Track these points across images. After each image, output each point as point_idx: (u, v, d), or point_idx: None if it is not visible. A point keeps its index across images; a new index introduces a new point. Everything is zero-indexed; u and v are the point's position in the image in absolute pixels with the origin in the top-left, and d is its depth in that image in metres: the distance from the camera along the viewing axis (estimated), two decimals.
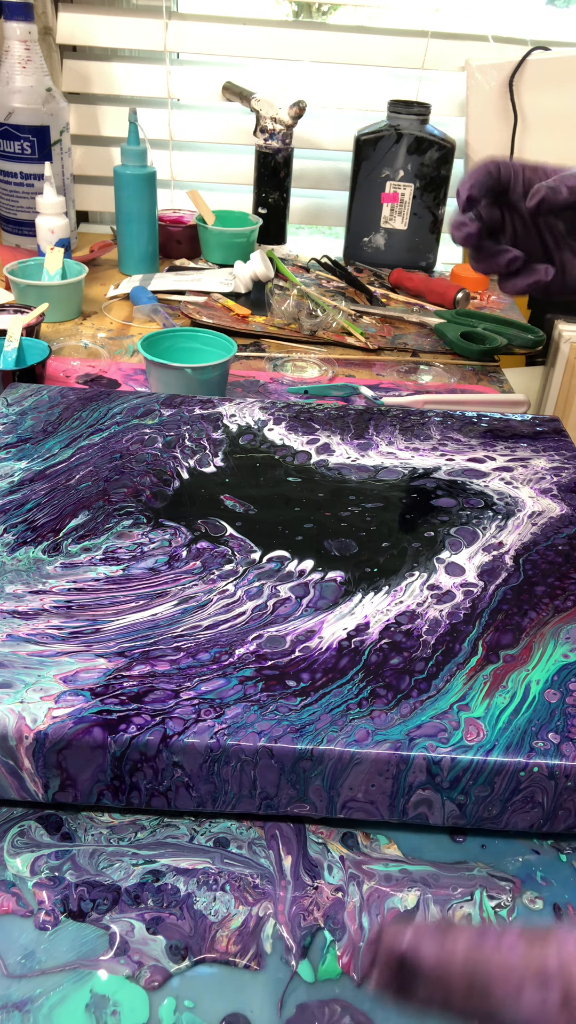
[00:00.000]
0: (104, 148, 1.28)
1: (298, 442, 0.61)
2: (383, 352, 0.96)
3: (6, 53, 1.05)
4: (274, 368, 0.90)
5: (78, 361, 0.88)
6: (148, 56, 1.27)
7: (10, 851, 0.38)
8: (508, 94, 1.19)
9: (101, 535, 0.50)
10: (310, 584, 0.47)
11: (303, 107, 1.14)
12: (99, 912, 0.36)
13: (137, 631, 0.43)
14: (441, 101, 1.23)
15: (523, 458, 0.61)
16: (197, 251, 1.20)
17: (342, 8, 1.43)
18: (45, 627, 0.42)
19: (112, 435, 0.60)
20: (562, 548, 0.51)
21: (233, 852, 0.38)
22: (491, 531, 0.53)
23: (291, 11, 1.46)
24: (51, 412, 0.63)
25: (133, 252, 1.10)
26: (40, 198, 1.03)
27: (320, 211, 1.34)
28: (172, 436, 0.61)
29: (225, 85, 1.21)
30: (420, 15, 1.24)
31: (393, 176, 1.16)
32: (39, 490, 0.54)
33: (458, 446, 0.62)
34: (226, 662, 0.41)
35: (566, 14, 1.35)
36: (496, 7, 1.24)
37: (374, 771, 0.37)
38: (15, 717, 0.37)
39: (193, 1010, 0.33)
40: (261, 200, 1.21)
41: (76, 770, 0.37)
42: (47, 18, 1.19)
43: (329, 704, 0.39)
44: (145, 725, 0.37)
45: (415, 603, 0.46)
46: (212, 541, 0.50)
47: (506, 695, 0.40)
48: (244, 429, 0.62)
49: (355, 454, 0.60)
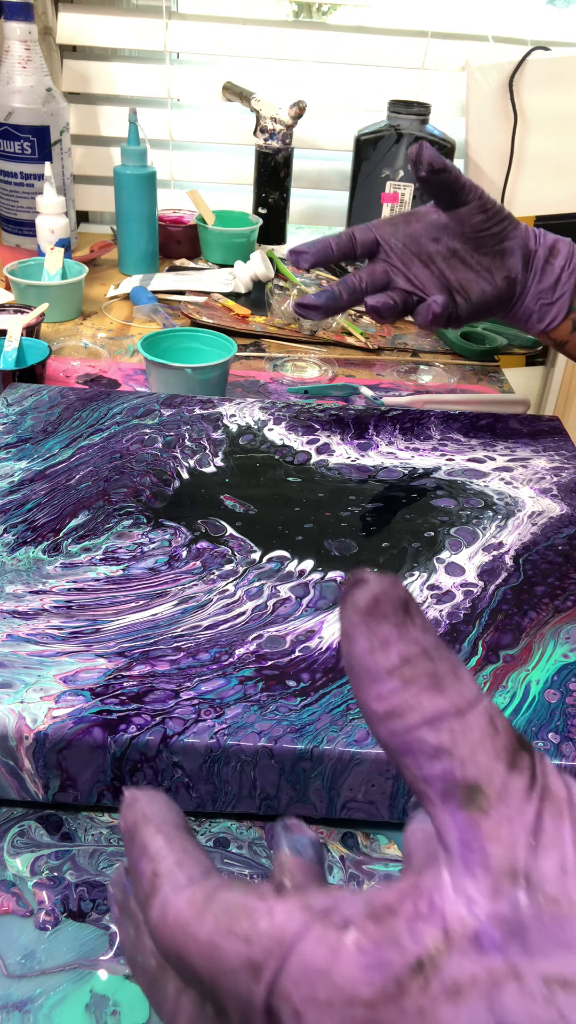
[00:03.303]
0: (104, 148, 1.28)
1: (298, 442, 0.61)
2: (383, 352, 0.96)
3: (6, 53, 1.05)
4: (274, 368, 0.90)
5: (78, 361, 0.88)
6: (148, 56, 1.27)
7: (10, 851, 0.38)
8: (508, 94, 1.19)
9: (101, 535, 0.50)
10: (310, 584, 0.47)
11: (303, 107, 1.14)
12: (99, 912, 0.36)
13: (137, 631, 0.43)
14: (441, 101, 1.23)
15: (523, 458, 0.61)
16: (197, 251, 1.20)
17: (342, 8, 1.42)
18: (45, 627, 0.42)
19: (112, 435, 0.60)
20: (562, 548, 0.51)
21: (233, 852, 0.38)
22: (491, 531, 0.53)
23: (291, 11, 1.46)
24: (51, 412, 0.63)
25: (133, 252, 1.10)
26: (40, 198, 1.03)
27: (320, 211, 1.34)
28: (172, 436, 0.61)
29: (225, 85, 1.21)
30: (420, 15, 1.24)
31: (393, 176, 1.16)
32: (39, 490, 0.54)
33: (458, 446, 0.62)
34: (226, 662, 0.41)
35: (566, 14, 1.35)
36: (496, 7, 1.24)
37: (374, 771, 0.37)
38: (15, 717, 0.37)
39: None
40: (261, 200, 1.21)
41: (76, 770, 0.37)
42: (47, 18, 1.19)
43: (329, 704, 0.39)
44: (145, 725, 0.37)
45: None
46: (212, 541, 0.50)
47: (506, 695, 0.40)
48: (244, 429, 0.62)
49: (355, 454, 0.60)
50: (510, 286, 0.60)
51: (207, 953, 0.18)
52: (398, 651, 0.17)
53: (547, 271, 0.60)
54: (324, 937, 0.17)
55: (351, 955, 0.16)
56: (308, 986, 0.17)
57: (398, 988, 0.16)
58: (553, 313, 0.60)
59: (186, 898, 0.19)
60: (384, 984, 0.16)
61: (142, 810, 0.21)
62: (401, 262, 0.59)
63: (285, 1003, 0.17)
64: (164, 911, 0.19)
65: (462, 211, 0.58)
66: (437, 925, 0.16)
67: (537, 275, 0.60)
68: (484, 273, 0.59)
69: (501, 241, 0.59)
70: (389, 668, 0.17)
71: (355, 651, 0.18)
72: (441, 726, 0.17)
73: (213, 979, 0.18)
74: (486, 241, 0.59)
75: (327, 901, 0.18)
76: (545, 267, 0.60)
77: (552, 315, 0.60)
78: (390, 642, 0.17)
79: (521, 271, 0.60)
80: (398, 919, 0.17)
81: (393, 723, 0.17)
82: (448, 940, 0.16)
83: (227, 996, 0.18)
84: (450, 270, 0.59)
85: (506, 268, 0.59)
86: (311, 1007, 0.16)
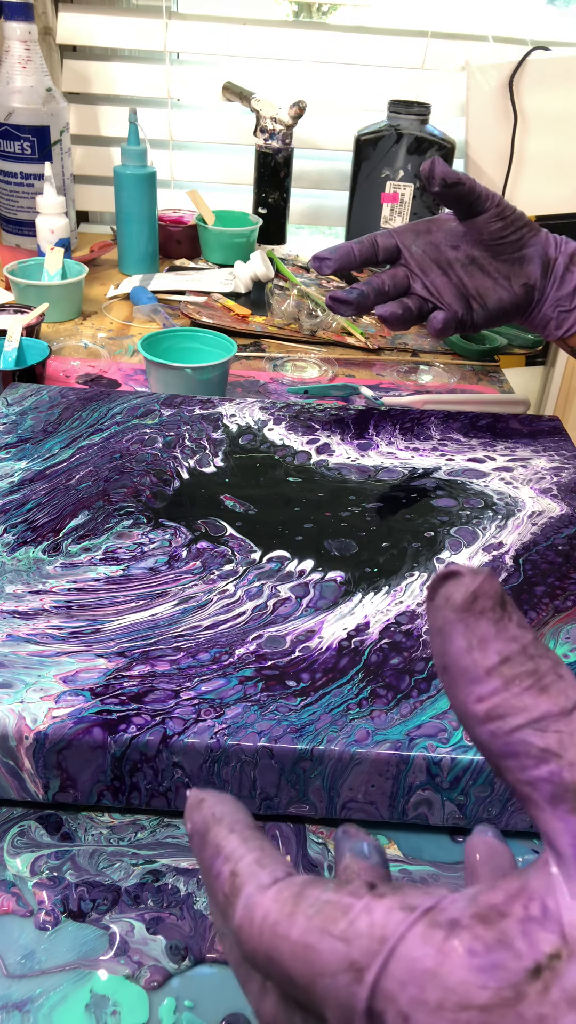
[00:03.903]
0: (104, 148, 1.28)
1: (298, 442, 0.61)
2: (383, 352, 0.96)
3: (6, 53, 1.05)
4: (274, 368, 0.90)
5: (78, 361, 0.88)
6: (148, 56, 1.27)
7: (10, 851, 0.38)
8: (508, 94, 1.19)
9: (101, 535, 0.50)
10: (310, 584, 0.47)
11: (303, 107, 1.14)
12: (99, 912, 0.36)
13: (137, 631, 0.43)
14: (441, 101, 1.23)
15: (523, 458, 0.61)
16: (197, 251, 1.20)
17: (342, 8, 1.42)
18: (45, 627, 0.42)
19: (112, 435, 0.60)
20: (562, 548, 0.51)
21: None
22: (491, 531, 0.53)
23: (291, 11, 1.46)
24: (51, 412, 0.63)
25: (133, 252, 1.10)
26: (40, 198, 1.03)
27: (320, 211, 1.34)
28: (172, 436, 0.61)
29: (225, 85, 1.21)
30: (420, 15, 1.24)
31: (393, 176, 1.16)
32: (39, 490, 0.54)
33: (458, 446, 0.62)
34: (226, 662, 0.41)
35: (566, 14, 1.35)
36: (496, 7, 1.24)
37: (374, 771, 0.37)
38: (15, 717, 0.37)
39: (193, 1010, 0.33)
40: (261, 200, 1.21)
41: (76, 770, 0.37)
42: (47, 18, 1.19)
43: (329, 704, 0.39)
44: (145, 725, 0.37)
45: (415, 603, 0.46)
46: (212, 541, 0.50)
47: None
48: (244, 429, 0.62)
49: (355, 454, 0.60)
50: (528, 293, 0.60)
51: (301, 954, 0.17)
52: (497, 649, 0.17)
53: (567, 278, 0.60)
54: (429, 937, 0.16)
55: (461, 957, 0.16)
56: (416, 988, 0.16)
57: (516, 994, 0.16)
58: (572, 320, 0.60)
59: (272, 897, 0.18)
60: (500, 989, 0.16)
61: (211, 810, 0.21)
62: (420, 269, 0.60)
63: (390, 1005, 0.16)
64: (250, 911, 0.18)
65: (480, 219, 0.58)
66: (554, 931, 0.16)
67: (556, 282, 0.60)
68: (502, 280, 0.59)
69: (520, 248, 0.59)
70: (489, 668, 0.17)
71: (452, 650, 0.17)
72: (547, 728, 0.17)
73: (308, 981, 0.17)
74: (504, 248, 0.59)
75: (428, 900, 0.17)
76: (565, 274, 0.60)
77: (570, 322, 0.60)
78: (488, 640, 0.17)
79: (540, 278, 0.60)
80: (509, 921, 0.16)
81: (495, 725, 0.17)
82: (568, 946, 0.16)
83: (324, 999, 0.17)
84: (468, 277, 0.59)
85: (524, 275, 0.59)
86: (419, 1010, 0.16)
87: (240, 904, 0.18)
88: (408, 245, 0.60)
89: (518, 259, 0.59)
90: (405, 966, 0.16)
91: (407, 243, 0.60)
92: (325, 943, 0.17)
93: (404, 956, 0.16)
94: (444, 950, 0.16)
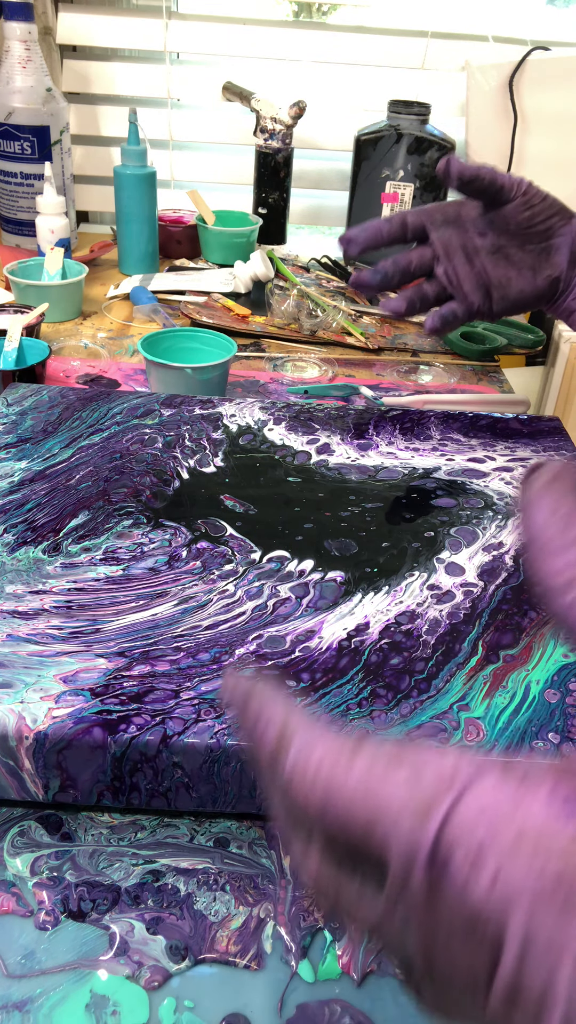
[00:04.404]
0: (104, 148, 1.28)
1: (298, 442, 0.61)
2: (383, 352, 0.96)
3: (6, 53, 1.05)
4: (274, 368, 0.90)
5: (78, 361, 0.88)
6: (148, 56, 1.27)
7: (10, 851, 0.38)
8: (508, 94, 1.19)
9: (101, 535, 0.50)
10: (310, 584, 0.47)
11: (303, 107, 1.14)
12: (99, 912, 0.36)
13: (137, 631, 0.43)
14: (441, 101, 1.23)
15: (523, 458, 0.61)
16: (197, 251, 1.20)
17: (342, 8, 1.42)
18: (45, 627, 0.42)
19: (112, 435, 0.60)
20: None
21: (233, 852, 0.38)
22: (491, 531, 0.53)
23: (291, 11, 1.46)
24: (51, 412, 0.63)
25: (133, 252, 1.10)
26: (40, 198, 1.03)
27: (320, 211, 1.34)
28: (172, 436, 0.61)
29: (225, 85, 1.21)
30: (420, 15, 1.24)
31: (393, 176, 1.16)
32: (39, 490, 0.54)
33: (458, 446, 0.62)
34: (226, 662, 0.41)
35: (566, 14, 1.35)
36: (496, 7, 1.24)
37: None
38: (15, 717, 0.37)
39: (193, 1010, 0.33)
40: (261, 200, 1.21)
41: (76, 770, 0.37)
42: (47, 18, 1.19)
43: (329, 704, 0.39)
44: (145, 725, 0.37)
45: (415, 603, 0.46)
46: (212, 541, 0.50)
47: (506, 695, 0.40)
48: (244, 429, 0.62)
49: (355, 454, 0.60)
50: (551, 286, 0.59)
51: (360, 798, 0.17)
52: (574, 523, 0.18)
53: None
54: (503, 784, 0.16)
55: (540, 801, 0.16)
56: (486, 830, 0.15)
57: None
58: None
59: (327, 745, 0.18)
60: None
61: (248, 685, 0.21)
62: (444, 253, 0.59)
63: (458, 846, 0.16)
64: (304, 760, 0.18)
65: (507, 209, 0.58)
66: None
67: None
68: (526, 272, 0.59)
69: (549, 238, 0.58)
70: (568, 541, 0.18)
71: (534, 523, 0.18)
72: None
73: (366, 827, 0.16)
74: (532, 238, 0.58)
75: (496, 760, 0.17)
76: None
77: None
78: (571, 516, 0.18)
79: (567, 268, 0.59)
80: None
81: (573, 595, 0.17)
82: None
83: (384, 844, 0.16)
84: (492, 266, 0.59)
85: (551, 265, 0.59)
86: (491, 852, 0.15)
87: (291, 754, 0.18)
88: (436, 227, 0.59)
89: (546, 248, 0.59)
90: (478, 806, 0.16)
91: (435, 225, 0.60)
92: (387, 787, 0.17)
93: (478, 798, 0.16)
94: (519, 795, 0.16)
